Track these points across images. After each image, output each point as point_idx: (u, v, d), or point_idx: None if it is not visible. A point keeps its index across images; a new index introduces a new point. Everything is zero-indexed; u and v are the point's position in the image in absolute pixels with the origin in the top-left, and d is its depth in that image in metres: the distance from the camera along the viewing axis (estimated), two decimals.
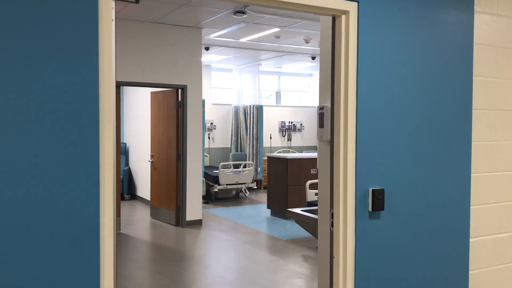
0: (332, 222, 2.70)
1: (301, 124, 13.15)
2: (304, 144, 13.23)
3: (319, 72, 3.69)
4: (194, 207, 7.68)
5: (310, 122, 13.31)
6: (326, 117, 3.50)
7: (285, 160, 8.15)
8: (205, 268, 5.65)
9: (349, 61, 2.58)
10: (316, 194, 6.70)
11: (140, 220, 8.17)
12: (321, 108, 3.53)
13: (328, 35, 3.58)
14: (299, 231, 7.20)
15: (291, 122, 13.01)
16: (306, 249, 6.25)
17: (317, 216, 3.88)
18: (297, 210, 3.93)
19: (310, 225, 3.66)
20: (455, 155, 2.88)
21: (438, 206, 2.84)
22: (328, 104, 3.49)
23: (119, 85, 7.04)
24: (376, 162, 2.64)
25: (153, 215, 8.30)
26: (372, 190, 2.62)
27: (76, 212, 1.89)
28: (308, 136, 13.30)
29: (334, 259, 2.66)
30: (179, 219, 7.67)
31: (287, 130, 12.97)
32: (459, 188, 2.91)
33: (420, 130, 2.75)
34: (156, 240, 6.86)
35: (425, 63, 2.76)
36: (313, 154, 8.84)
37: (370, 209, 2.62)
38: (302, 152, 12.83)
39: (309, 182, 6.60)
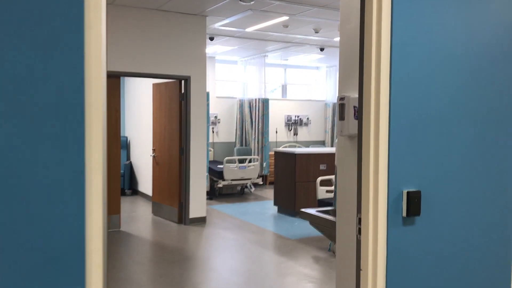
0: (360, 229, 2.34)
1: (307, 118, 12.77)
2: (310, 139, 12.86)
3: (338, 59, 3.33)
4: (197, 204, 7.33)
5: (317, 116, 12.93)
6: (348, 108, 3.14)
7: (293, 155, 7.79)
8: (210, 270, 5.31)
9: (382, 43, 2.20)
10: (327, 191, 6.34)
11: (141, 217, 7.83)
12: (341, 98, 3.17)
13: (349, 17, 3.19)
14: (308, 230, 6.84)
15: (298, 116, 12.64)
16: (317, 250, 5.89)
17: (335, 218, 3.53)
18: (312, 211, 3.58)
19: (327, 228, 3.31)
20: (503, 152, 2.51)
21: (483, 211, 2.47)
22: (350, 94, 3.13)
23: (119, 75, 6.69)
24: (411, 159, 2.27)
25: (155, 212, 7.96)
26: (407, 192, 2.25)
27: (57, 221, 1.53)
28: (314, 130, 12.93)
29: (361, 271, 2.31)
30: (182, 217, 7.32)
31: (293, 124, 12.59)
32: (507, 190, 2.54)
33: (463, 122, 2.38)
34: (158, 238, 6.52)
35: (470, 45, 2.38)
36: (322, 149, 8.49)
37: (404, 214, 2.26)
38: (309, 147, 12.48)
39: (320, 178, 6.24)
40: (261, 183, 10.02)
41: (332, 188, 6.40)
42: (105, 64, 1.79)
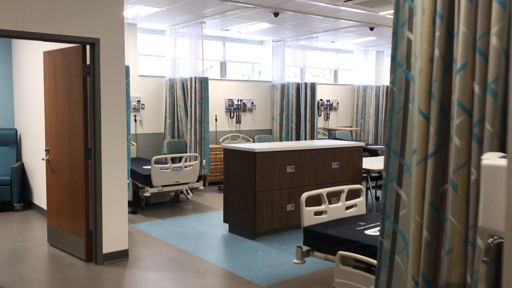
0: None
1: (252, 102, 10.60)
2: (255, 128, 10.71)
3: None
4: (115, 232, 4.94)
5: (262, 100, 10.79)
6: None
7: (253, 154, 5.57)
8: None
9: None
10: (316, 213, 4.20)
11: (31, 251, 5.29)
12: None
13: None
14: (281, 266, 4.70)
15: (241, 100, 10.42)
16: None
17: None
18: None
19: None
20: None
21: None
22: None
23: None
24: None
25: (53, 241, 5.45)
26: None
27: None
28: (260, 117, 10.78)
29: None
30: (92, 251, 4.90)
31: (235, 110, 10.36)
32: None
33: None
34: None
35: None
36: (289, 145, 6.32)
37: None
38: (254, 138, 10.34)
39: (306, 194, 4.08)
40: (202, 187, 7.73)
41: (323, 207, 4.26)
42: None
